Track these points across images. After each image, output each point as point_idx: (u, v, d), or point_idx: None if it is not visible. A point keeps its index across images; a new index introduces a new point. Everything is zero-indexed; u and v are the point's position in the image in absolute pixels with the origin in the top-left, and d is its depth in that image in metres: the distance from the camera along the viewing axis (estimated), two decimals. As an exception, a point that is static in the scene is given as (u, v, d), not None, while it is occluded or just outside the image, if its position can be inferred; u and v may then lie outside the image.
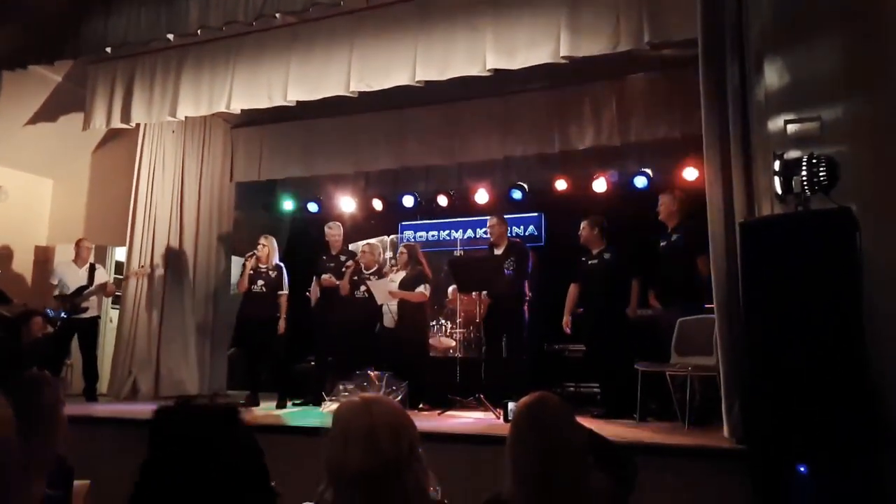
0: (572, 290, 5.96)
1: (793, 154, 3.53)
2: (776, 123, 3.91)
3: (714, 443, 3.95)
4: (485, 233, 7.32)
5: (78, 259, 6.90)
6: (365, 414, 1.45)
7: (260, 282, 6.53)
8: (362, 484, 1.38)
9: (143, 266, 7.23)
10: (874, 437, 3.04)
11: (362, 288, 6.53)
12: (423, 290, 6.28)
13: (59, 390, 2.08)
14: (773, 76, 3.99)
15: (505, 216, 7.94)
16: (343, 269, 6.56)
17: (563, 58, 5.08)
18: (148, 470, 1.23)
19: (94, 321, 6.84)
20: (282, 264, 6.69)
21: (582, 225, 5.90)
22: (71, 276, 6.79)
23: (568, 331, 5.98)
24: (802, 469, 3.10)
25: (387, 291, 6.31)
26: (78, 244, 6.98)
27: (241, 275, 6.65)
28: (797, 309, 3.23)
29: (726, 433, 3.92)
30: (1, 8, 6.10)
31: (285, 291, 6.60)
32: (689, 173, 6.72)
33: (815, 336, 3.17)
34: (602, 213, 6.00)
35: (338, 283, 6.55)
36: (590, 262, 5.84)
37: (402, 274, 6.43)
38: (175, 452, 1.23)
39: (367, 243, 7.17)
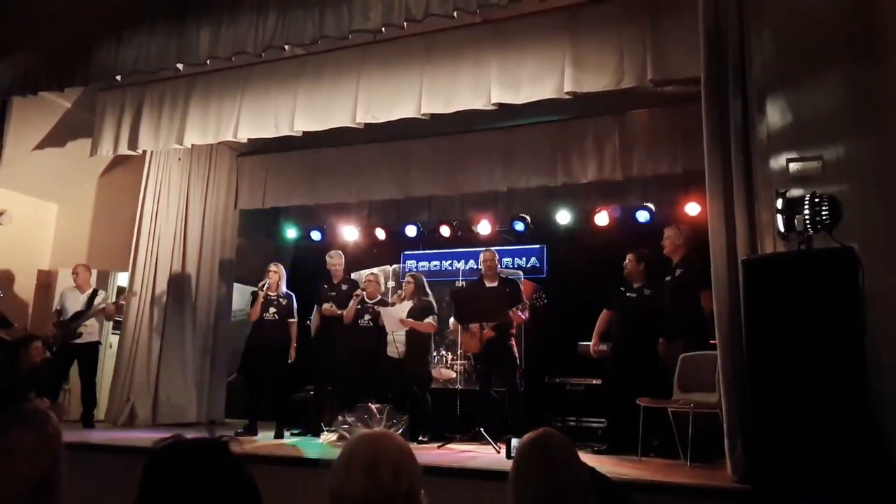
0: (604, 315, 5.91)
1: (795, 192, 3.56)
2: (778, 161, 3.94)
3: (716, 482, 3.90)
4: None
5: (78, 285, 6.91)
6: (371, 446, 1.46)
7: (272, 309, 6.52)
8: None
9: (126, 295, 7.22)
10: (878, 477, 3.01)
11: (366, 317, 6.51)
12: (431, 320, 6.27)
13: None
14: (775, 114, 4.03)
15: (507, 248, 7.99)
16: (354, 296, 6.51)
17: (567, 93, 5.16)
18: None
19: (94, 346, 6.80)
20: (291, 293, 6.67)
21: (627, 258, 5.80)
22: (72, 301, 6.80)
23: (594, 354, 5.91)
24: (806, 510, 3.06)
25: (398, 319, 6.28)
26: (75, 270, 6.98)
27: (254, 304, 6.59)
28: (800, 347, 3.23)
29: (729, 471, 3.88)
30: (13, 35, 6.21)
31: (295, 319, 6.58)
32: (692, 208, 6.74)
33: (817, 375, 3.16)
34: (647, 248, 5.86)
35: (340, 312, 6.53)
36: (628, 295, 5.74)
37: (408, 304, 6.41)
38: (167, 494, 1.23)
39: (372, 272, 7.16)
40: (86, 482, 4.33)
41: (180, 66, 5.89)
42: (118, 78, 6.21)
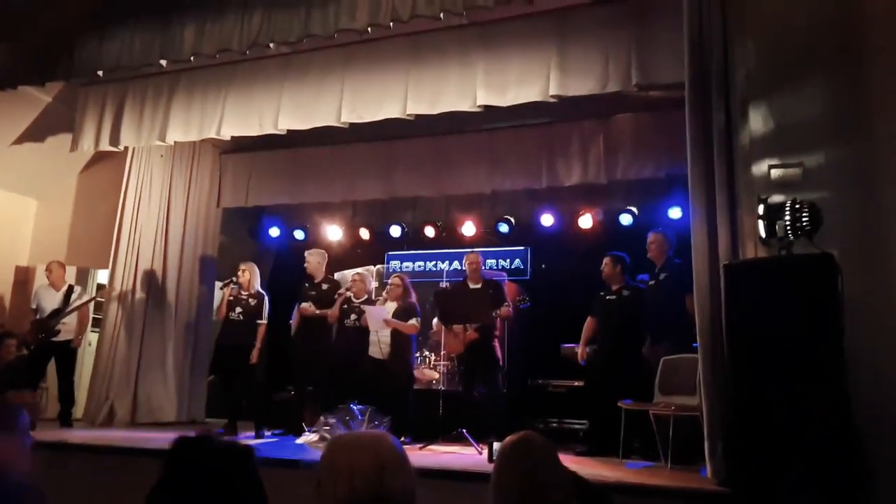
0: (589, 323, 5.92)
1: (776, 198, 3.61)
2: (760, 168, 3.99)
3: (696, 484, 3.93)
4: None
5: (52, 282, 6.79)
6: (349, 451, 1.44)
7: (238, 309, 6.46)
8: None
9: (106, 292, 7.20)
10: (857, 481, 3.05)
11: (352, 316, 6.48)
12: (415, 322, 6.25)
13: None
14: (757, 121, 4.08)
15: (491, 249, 8.00)
16: (336, 296, 6.48)
17: (553, 97, 5.18)
18: (158, 494, 1.25)
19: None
20: (264, 293, 6.60)
21: (604, 261, 5.84)
22: (48, 300, 6.68)
23: (582, 362, 5.93)
24: (784, 513, 3.09)
25: (382, 319, 6.24)
26: (48, 268, 6.86)
27: (221, 302, 6.58)
28: (780, 351, 3.26)
29: (709, 474, 3.91)
30: (-6, 28, 6.12)
31: (264, 321, 6.47)
32: (674, 213, 6.79)
33: (797, 379, 3.20)
34: (627, 251, 5.90)
35: (318, 312, 6.48)
36: (608, 298, 5.77)
37: (393, 305, 6.38)
38: (190, 482, 1.25)
39: (358, 272, 7.12)
40: (63, 481, 4.28)
41: (164, 62, 5.83)
42: (100, 73, 6.13)
